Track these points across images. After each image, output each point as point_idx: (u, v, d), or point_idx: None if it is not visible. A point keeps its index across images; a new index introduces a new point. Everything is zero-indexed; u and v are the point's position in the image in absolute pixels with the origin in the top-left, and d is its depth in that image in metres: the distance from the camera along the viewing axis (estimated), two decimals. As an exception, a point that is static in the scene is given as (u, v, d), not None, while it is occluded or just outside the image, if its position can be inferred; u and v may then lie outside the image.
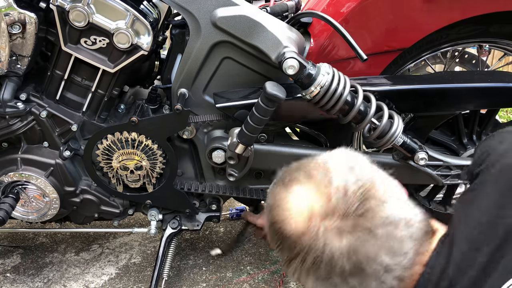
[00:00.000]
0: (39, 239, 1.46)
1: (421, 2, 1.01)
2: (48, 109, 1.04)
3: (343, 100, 0.92)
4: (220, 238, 1.48)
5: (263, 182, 1.20)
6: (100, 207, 1.16)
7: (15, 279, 1.26)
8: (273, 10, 1.13)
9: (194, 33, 1.00)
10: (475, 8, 1.02)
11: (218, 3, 0.97)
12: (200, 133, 1.11)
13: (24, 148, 1.08)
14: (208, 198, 1.23)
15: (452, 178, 1.09)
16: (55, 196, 1.10)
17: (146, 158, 1.08)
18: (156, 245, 1.43)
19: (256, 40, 0.97)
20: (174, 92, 1.06)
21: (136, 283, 1.25)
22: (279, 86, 0.92)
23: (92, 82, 1.05)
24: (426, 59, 1.21)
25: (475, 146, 1.12)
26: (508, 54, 1.21)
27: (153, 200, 1.16)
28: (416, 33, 1.06)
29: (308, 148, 1.10)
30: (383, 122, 0.94)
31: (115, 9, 0.95)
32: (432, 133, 1.11)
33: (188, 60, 1.02)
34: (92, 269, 1.31)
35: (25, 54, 0.98)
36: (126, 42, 0.97)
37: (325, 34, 1.07)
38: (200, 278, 1.27)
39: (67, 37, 0.98)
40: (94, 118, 1.09)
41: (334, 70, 0.93)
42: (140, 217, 1.58)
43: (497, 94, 1.02)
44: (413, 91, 1.01)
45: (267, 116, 0.93)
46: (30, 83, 1.06)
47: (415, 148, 0.99)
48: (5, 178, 1.07)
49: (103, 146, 1.06)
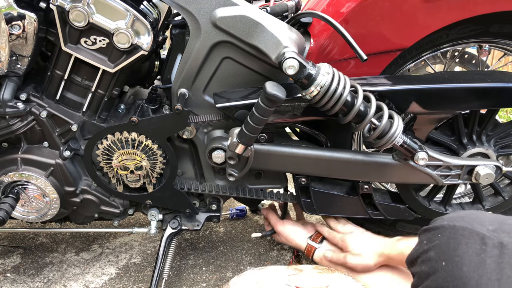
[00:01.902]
0: (39, 239, 1.46)
1: (421, 2, 1.01)
2: (48, 109, 1.05)
3: (343, 100, 0.92)
4: (220, 238, 1.48)
5: (263, 182, 1.20)
6: (100, 207, 1.16)
7: (15, 279, 1.26)
8: (273, 10, 1.13)
9: (194, 33, 1.00)
10: (475, 8, 1.02)
11: (218, 3, 0.97)
12: (200, 133, 1.11)
13: (24, 148, 1.08)
14: (208, 198, 1.23)
15: (452, 178, 1.09)
16: (55, 196, 1.10)
17: (146, 158, 1.08)
18: (156, 245, 1.43)
19: (256, 40, 0.97)
20: (174, 92, 1.07)
21: (136, 283, 1.25)
22: (279, 86, 0.92)
23: (92, 82, 1.05)
24: (426, 59, 1.21)
25: (475, 146, 1.12)
26: (508, 54, 1.21)
27: (153, 200, 1.16)
28: (416, 33, 1.06)
29: (308, 148, 1.10)
30: (383, 122, 0.94)
31: (115, 9, 0.95)
32: (432, 133, 1.11)
33: (188, 60, 1.02)
34: (92, 269, 1.31)
35: (25, 54, 0.98)
36: (126, 42, 0.97)
37: (325, 34, 1.07)
38: (200, 278, 1.27)
39: (67, 37, 0.98)
40: (94, 118, 1.09)
41: (334, 70, 0.93)
42: (140, 217, 1.58)
43: (497, 94, 1.02)
44: (413, 91, 1.01)
45: (267, 116, 0.93)
46: (30, 83, 1.06)
47: (415, 148, 0.99)
48: (5, 178, 1.07)
49: (103, 146, 1.06)
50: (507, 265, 0.55)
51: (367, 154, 1.10)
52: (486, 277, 0.54)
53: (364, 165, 1.08)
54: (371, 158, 1.08)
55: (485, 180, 1.07)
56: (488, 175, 1.07)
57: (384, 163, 1.08)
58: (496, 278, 0.54)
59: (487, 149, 1.12)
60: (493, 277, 0.54)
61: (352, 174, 1.12)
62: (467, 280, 0.55)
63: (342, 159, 1.08)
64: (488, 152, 1.13)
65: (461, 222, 0.62)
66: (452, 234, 0.61)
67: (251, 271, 0.88)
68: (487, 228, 0.60)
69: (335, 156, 1.08)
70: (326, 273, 0.84)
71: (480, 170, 1.07)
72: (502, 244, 0.57)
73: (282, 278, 0.80)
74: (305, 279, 0.79)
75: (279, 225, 1.24)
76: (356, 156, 1.08)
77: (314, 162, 1.09)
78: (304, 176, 1.15)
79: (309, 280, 0.79)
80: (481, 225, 0.61)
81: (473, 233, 0.59)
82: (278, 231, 1.24)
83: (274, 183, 1.21)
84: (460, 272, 0.56)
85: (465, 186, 1.43)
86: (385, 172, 1.09)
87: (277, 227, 1.24)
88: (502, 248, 0.57)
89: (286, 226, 1.23)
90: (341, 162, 1.08)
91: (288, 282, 0.79)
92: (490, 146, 1.13)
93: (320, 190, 1.16)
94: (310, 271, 0.85)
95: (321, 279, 0.80)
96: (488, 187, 1.28)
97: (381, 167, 1.08)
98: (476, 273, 0.55)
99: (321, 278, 0.81)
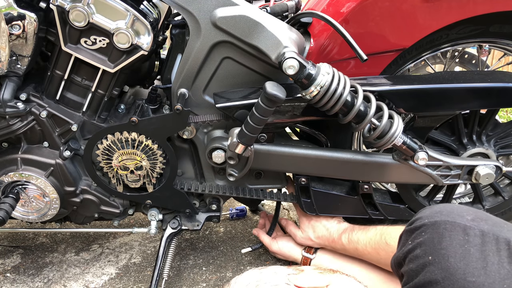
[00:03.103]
0: (39, 239, 1.46)
1: (421, 2, 1.01)
2: (48, 109, 1.05)
3: (343, 100, 0.92)
4: (220, 238, 1.48)
5: (263, 182, 1.20)
6: (100, 207, 1.16)
7: (15, 279, 1.26)
8: (273, 10, 1.13)
9: (194, 33, 1.00)
10: (475, 8, 1.02)
11: (218, 3, 0.97)
12: (200, 133, 1.11)
13: (24, 148, 1.08)
14: (208, 198, 1.23)
15: (452, 178, 1.09)
16: (55, 196, 1.10)
17: (146, 158, 1.08)
18: (156, 245, 1.43)
19: (256, 40, 0.97)
20: (174, 92, 1.07)
21: (136, 283, 1.25)
22: (279, 86, 0.92)
23: (92, 82, 1.05)
24: (426, 59, 1.21)
25: (475, 146, 1.12)
26: (508, 54, 1.21)
27: (153, 200, 1.16)
28: (416, 33, 1.06)
29: (308, 148, 1.10)
30: (383, 122, 0.94)
31: (115, 9, 0.95)
32: (432, 133, 1.11)
33: (188, 60, 1.02)
34: (92, 269, 1.31)
35: (25, 54, 0.98)
36: (126, 42, 0.97)
37: (325, 34, 1.07)
38: (200, 278, 1.27)
39: (67, 37, 0.98)
40: (94, 118, 1.09)
41: (334, 70, 0.93)
42: (140, 217, 1.58)
43: (497, 94, 1.02)
44: (413, 91, 1.01)
45: (267, 116, 0.93)
46: (30, 83, 1.06)
47: (415, 148, 0.99)
48: (5, 178, 1.07)
49: (103, 146, 1.06)
50: (490, 253, 0.58)
51: (367, 154, 1.10)
52: (472, 266, 0.57)
53: (364, 165, 1.08)
54: (371, 158, 1.08)
55: (485, 180, 1.07)
56: (488, 175, 1.07)
57: (384, 163, 1.08)
58: (482, 266, 0.57)
59: (487, 149, 1.13)
60: (478, 266, 0.57)
61: (352, 174, 1.12)
62: (454, 270, 0.57)
63: (342, 159, 1.08)
64: (488, 152, 1.13)
65: (441, 217, 0.65)
66: (435, 229, 0.63)
67: (251, 271, 0.89)
68: (467, 219, 0.63)
69: (335, 156, 1.08)
70: (327, 274, 0.85)
71: (480, 170, 1.07)
72: (483, 232, 0.61)
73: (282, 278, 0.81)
74: (305, 278, 0.80)
75: (273, 246, 1.26)
76: (356, 156, 1.08)
77: (314, 162, 1.09)
78: (304, 176, 1.15)
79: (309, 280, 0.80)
80: (461, 217, 0.64)
81: (455, 225, 0.62)
82: (273, 251, 1.26)
83: (274, 183, 1.21)
84: (447, 264, 0.58)
85: (465, 186, 1.43)
86: (385, 172, 1.09)
87: (271, 248, 1.26)
88: (483, 237, 0.60)
89: (279, 243, 1.25)
90: (341, 162, 1.08)
91: (287, 281, 0.79)
92: (490, 146, 1.13)
93: (320, 190, 1.16)
94: (311, 271, 0.85)
95: (321, 278, 0.81)
96: (488, 187, 1.28)
97: (381, 167, 1.08)
98: (462, 262, 0.58)
99: (322, 278, 0.81)
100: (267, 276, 0.83)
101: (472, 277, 0.56)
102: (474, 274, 0.56)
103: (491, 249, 0.59)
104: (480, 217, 0.64)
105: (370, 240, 1.02)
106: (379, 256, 0.99)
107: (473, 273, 0.57)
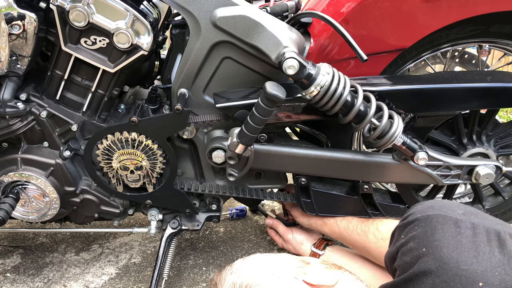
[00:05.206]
0: (39, 239, 1.46)
1: (421, 2, 1.01)
2: (48, 109, 1.05)
3: (343, 100, 0.92)
4: (220, 238, 1.48)
5: (263, 182, 1.20)
6: (100, 207, 1.16)
7: (15, 279, 1.26)
8: (273, 10, 1.13)
9: (194, 33, 1.00)
10: (475, 8, 1.02)
11: (218, 3, 0.97)
12: (200, 133, 1.11)
13: (24, 148, 1.08)
14: (208, 198, 1.23)
15: (452, 178, 1.09)
16: (55, 196, 1.10)
17: (146, 158, 1.08)
18: (156, 245, 1.43)
19: (256, 40, 0.97)
20: (174, 92, 1.07)
21: (136, 283, 1.25)
22: (279, 86, 0.92)
23: (92, 82, 1.05)
24: (426, 59, 1.21)
25: (475, 146, 1.12)
26: (508, 54, 1.22)
27: (153, 200, 1.16)
28: (416, 33, 1.06)
29: (308, 148, 1.10)
30: (383, 122, 0.94)
31: (115, 9, 0.95)
32: (432, 133, 1.11)
33: (188, 60, 1.02)
34: (92, 269, 1.31)
35: (25, 54, 0.98)
36: (126, 42, 0.97)
37: (325, 34, 1.07)
38: (200, 278, 1.27)
39: (67, 37, 0.98)
40: (94, 118, 1.09)
41: (334, 70, 0.93)
42: (140, 217, 1.58)
43: (497, 94, 1.02)
44: (413, 91, 1.01)
45: (267, 116, 0.93)
46: (30, 83, 1.06)
47: (415, 148, 0.99)
48: (5, 178, 1.07)
49: (103, 146, 1.06)
50: (481, 243, 0.61)
51: (367, 154, 1.10)
52: (465, 255, 0.60)
53: (364, 165, 1.08)
54: (371, 158, 1.08)
55: (485, 180, 1.07)
56: (488, 175, 1.07)
57: (384, 163, 1.08)
58: (474, 255, 0.59)
59: (487, 149, 1.13)
60: (470, 255, 0.60)
61: (352, 174, 1.12)
62: (448, 260, 0.60)
63: (342, 159, 1.08)
64: (488, 152, 1.13)
65: (433, 211, 0.67)
66: (428, 223, 0.66)
67: (256, 256, 0.86)
68: (458, 213, 0.66)
69: (335, 156, 1.08)
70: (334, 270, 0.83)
71: (480, 170, 1.07)
72: (474, 224, 0.64)
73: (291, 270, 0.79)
74: (314, 275, 0.79)
75: (288, 234, 1.28)
76: (356, 156, 1.08)
77: (314, 162, 1.09)
78: (304, 176, 1.15)
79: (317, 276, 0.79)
80: (452, 211, 0.66)
81: (447, 219, 0.65)
82: (287, 239, 1.27)
83: (274, 183, 1.21)
84: (440, 254, 0.61)
85: (465, 186, 1.43)
86: (385, 172, 1.09)
87: (286, 235, 1.28)
88: (474, 229, 0.63)
89: (294, 234, 1.27)
90: (341, 162, 1.08)
91: (296, 275, 0.78)
92: (490, 146, 1.13)
93: (320, 190, 1.16)
94: (317, 265, 0.84)
95: (329, 275, 0.80)
96: (488, 187, 1.28)
97: (381, 167, 1.08)
98: (455, 252, 0.60)
99: (330, 275, 0.80)
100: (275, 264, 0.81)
101: (465, 265, 0.58)
102: (466, 263, 0.59)
103: (482, 239, 0.61)
104: (470, 212, 0.67)
105: (362, 223, 1.07)
106: (367, 239, 1.01)
107: (466, 262, 0.59)
